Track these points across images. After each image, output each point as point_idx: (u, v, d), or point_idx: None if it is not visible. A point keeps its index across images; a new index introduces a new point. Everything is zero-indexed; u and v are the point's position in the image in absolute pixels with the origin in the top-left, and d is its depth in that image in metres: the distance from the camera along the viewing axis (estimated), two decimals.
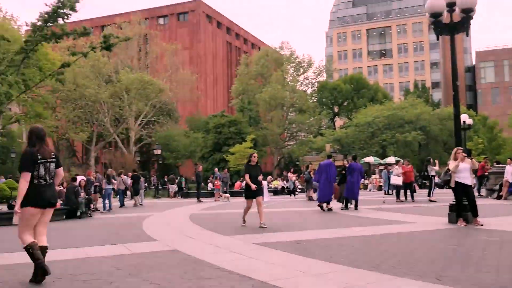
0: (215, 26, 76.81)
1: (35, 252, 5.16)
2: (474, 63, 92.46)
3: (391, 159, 39.31)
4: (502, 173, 20.23)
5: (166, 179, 38.94)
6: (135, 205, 22.09)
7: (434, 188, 20.52)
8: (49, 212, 5.55)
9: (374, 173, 43.86)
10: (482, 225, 9.91)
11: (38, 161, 5.32)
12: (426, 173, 19.96)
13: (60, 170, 5.67)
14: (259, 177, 10.80)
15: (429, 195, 19.68)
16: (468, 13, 10.70)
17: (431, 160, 20.91)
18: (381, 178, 30.64)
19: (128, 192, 23.73)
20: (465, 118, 28.60)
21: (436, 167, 20.01)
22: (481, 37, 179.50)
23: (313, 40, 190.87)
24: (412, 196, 19.92)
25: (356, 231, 9.45)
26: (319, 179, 15.86)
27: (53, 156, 5.54)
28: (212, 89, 74.17)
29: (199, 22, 72.36)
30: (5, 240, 8.95)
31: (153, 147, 41.23)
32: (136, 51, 56.69)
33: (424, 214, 13.51)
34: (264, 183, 17.10)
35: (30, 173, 5.25)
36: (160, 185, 38.20)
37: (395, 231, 9.53)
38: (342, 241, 8.09)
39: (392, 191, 23.35)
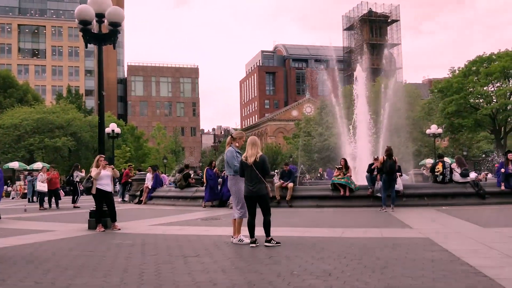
0: None
1: None
2: (126, 75, 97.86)
3: (38, 165, 37.29)
4: (144, 179, 21.97)
5: None
6: None
7: (82, 195, 20.59)
8: None
9: (19, 180, 40.84)
10: (119, 229, 10.44)
11: None
12: (72, 178, 19.90)
13: None
14: None
15: (73, 201, 19.62)
16: (115, 26, 11.19)
17: (78, 166, 20.93)
18: (26, 185, 28.75)
19: None
20: (114, 127, 29.87)
21: (83, 174, 20.12)
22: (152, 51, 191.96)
23: None
24: (57, 204, 19.43)
25: None
26: None
27: None
28: None
29: None
30: None
31: None
32: None
33: (66, 222, 13.33)
34: None
35: None
36: None
37: (31, 241, 8.99)
38: None
39: (37, 199, 22.20)
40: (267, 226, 7.60)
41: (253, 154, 7.70)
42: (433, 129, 37.30)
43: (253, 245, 7.56)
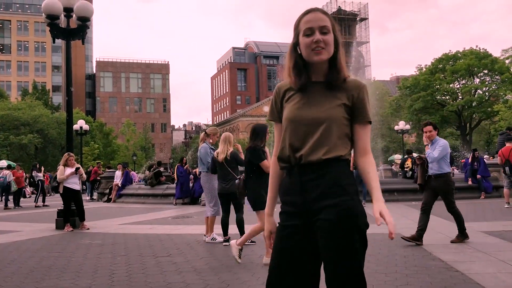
0: None
1: None
2: (94, 71, 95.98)
3: (3, 163, 36.18)
4: (113, 177, 21.59)
5: None
6: None
7: (50, 194, 20.08)
8: None
9: None
10: (88, 228, 10.20)
11: None
12: (32, 180, 19.34)
13: None
14: None
15: (35, 201, 19.16)
16: (84, 21, 10.90)
17: (37, 165, 20.46)
18: None
19: None
20: (82, 123, 29.27)
21: (40, 175, 19.50)
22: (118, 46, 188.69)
23: None
24: (18, 203, 18.81)
25: None
26: None
27: None
28: None
29: None
30: None
31: None
32: None
33: (33, 221, 12.94)
34: None
35: None
36: None
37: None
38: None
39: (2, 198, 21.55)
40: (241, 225, 7.48)
41: (223, 151, 7.57)
42: (401, 125, 37.86)
43: (227, 243, 7.47)
